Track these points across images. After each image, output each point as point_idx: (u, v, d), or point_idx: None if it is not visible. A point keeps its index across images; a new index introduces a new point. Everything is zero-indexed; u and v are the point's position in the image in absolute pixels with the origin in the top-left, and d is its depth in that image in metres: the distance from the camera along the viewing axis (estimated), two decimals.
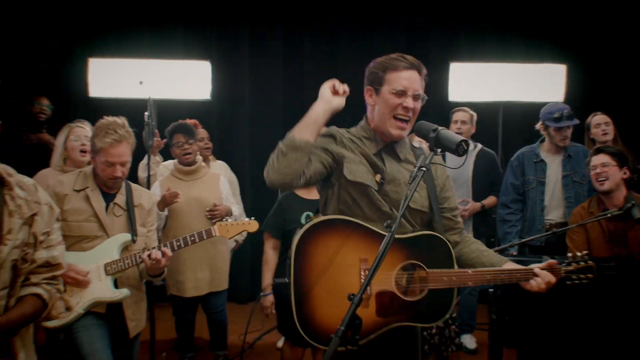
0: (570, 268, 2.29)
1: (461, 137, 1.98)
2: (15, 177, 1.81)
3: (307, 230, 2.10)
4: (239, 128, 6.49)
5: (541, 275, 2.13)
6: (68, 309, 1.95)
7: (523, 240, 3.73)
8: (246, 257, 6.06)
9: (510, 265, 2.21)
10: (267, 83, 6.53)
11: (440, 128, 2.03)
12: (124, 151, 2.91)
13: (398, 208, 1.94)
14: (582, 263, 2.31)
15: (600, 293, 3.09)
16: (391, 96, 2.17)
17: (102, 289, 2.86)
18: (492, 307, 3.39)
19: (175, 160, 4.34)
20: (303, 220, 3.48)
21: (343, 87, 2.18)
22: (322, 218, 2.16)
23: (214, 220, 3.89)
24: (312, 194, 3.51)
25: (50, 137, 4.94)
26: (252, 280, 5.96)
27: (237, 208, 4.30)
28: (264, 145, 6.38)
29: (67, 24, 6.22)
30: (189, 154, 4.14)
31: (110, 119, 2.95)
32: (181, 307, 4.29)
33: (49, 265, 1.88)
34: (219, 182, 4.27)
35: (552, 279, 2.15)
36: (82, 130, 3.70)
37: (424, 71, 2.25)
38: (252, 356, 4.76)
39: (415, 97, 2.19)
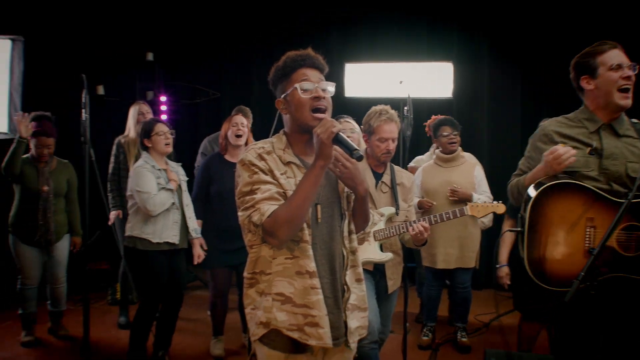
0: None
1: None
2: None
3: (543, 191, 2.45)
4: (478, 125, 6.82)
5: None
6: None
7: None
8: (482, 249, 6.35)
9: None
10: (506, 83, 6.76)
11: None
12: (394, 129, 3.46)
13: (617, 181, 2.31)
14: None
15: None
16: (611, 73, 2.48)
17: (371, 251, 3.46)
18: None
19: (434, 149, 4.96)
20: None
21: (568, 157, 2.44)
22: (555, 181, 2.46)
23: (451, 198, 4.52)
24: None
25: None
26: (487, 269, 6.25)
27: (486, 196, 4.63)
28: (501, 142, 6.73)
29: (325, 34, 7.15)
30: (454, 143, 4.68)
31: (380, 106, 3.54)
32: (431, 279, 4.82)
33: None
34: (474, 170, 4.72)
35: None
36: (348, 124, 4.36)
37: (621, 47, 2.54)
38: (487, 334, 5.11)
39: (630, 67, 2.49)
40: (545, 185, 2.46)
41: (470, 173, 4.69)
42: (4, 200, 4.74)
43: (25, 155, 4.61)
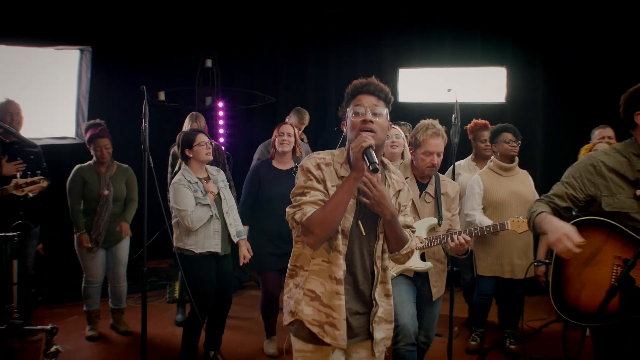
0: None
1: None
2: (391, 165, 2.56)
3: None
4: (532, 130, 6.69)
5: None
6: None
7: None
8: None
9: None
10: (562, 86, 6.62)
11: None
12: (440, 143, 3.50)
13: None
14: None
15: None
16: None
17: (412, 260, 3.49)
18: None
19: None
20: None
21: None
22: (584, 217, 2.55)
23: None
24: None
25: None
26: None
27: None
28: (556, 147, 6.58)
29: (379, 40, 7.22)
30: (516, 150, 4.61)
31: (428, 120, 3.59)
32: (485, 288, 4.74)
33: (406, 226, 2.54)
34: (530, 179, 4.69)
35: None
36: (393, 130, 4.38)
37: None
38: (537, 341, 5.07)
39: None
40: (572, 222, 2.51)
41: (529, 182, 4.65)
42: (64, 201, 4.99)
43: (87, 163, 4.92)
